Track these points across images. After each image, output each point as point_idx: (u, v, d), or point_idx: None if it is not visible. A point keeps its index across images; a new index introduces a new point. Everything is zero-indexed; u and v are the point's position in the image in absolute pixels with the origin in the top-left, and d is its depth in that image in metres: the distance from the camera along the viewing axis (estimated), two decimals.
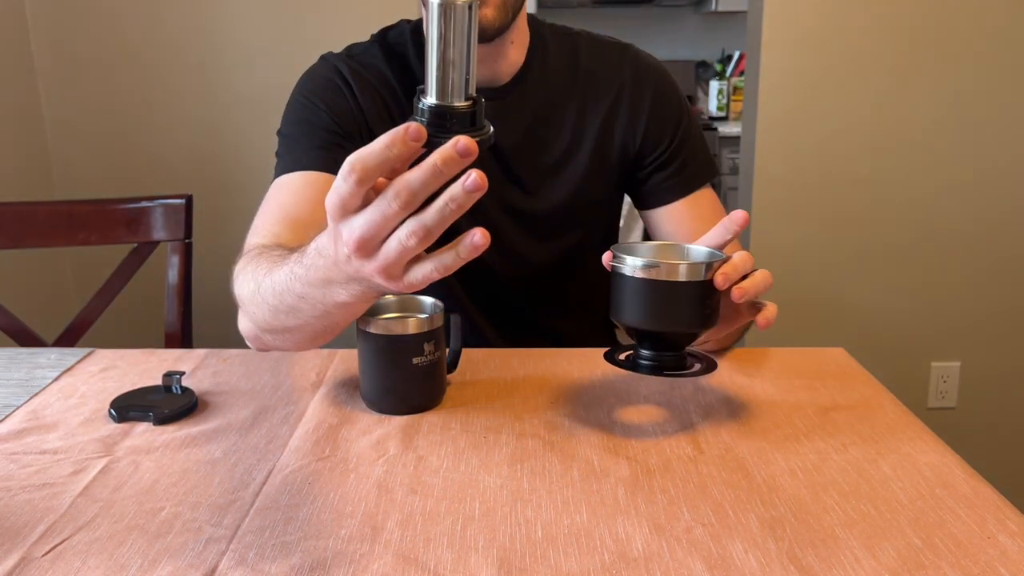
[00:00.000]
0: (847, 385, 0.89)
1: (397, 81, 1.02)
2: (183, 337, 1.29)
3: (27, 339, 1.28)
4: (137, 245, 1.31)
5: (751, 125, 2.06)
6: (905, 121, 2.00)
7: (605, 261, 0.75)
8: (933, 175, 2.03)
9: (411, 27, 1.05)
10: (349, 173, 0.54)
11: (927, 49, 1.96)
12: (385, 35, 1.06)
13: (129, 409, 0.83)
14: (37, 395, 0.89)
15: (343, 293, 0.63)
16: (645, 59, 1.08)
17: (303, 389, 0.89)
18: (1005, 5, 1.93)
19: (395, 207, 0.54)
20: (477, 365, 0.94)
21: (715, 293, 0.71)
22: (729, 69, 3.72)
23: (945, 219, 2.05)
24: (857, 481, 0.70)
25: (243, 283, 0.77)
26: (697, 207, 1.05)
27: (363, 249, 0.56)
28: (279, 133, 1.02)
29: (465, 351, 0.91)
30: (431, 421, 0.81)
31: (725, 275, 0.71)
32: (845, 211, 2.05)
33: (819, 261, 2.07)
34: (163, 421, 0.82)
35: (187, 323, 1.30)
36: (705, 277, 0.70)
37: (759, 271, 0.75)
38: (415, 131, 0.53)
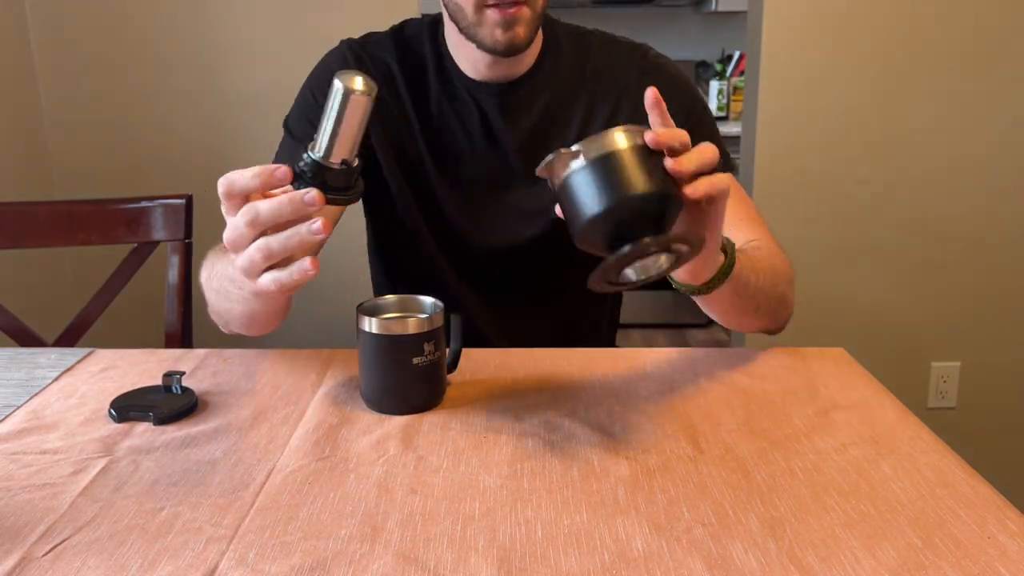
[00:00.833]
0: (847, 385, 0.89)
1: (400, 71, 1.05)
2: (183, 337, 1.29)
3: (27, 339, 1.28)
4: (137, 245, 1.30)
5: (751, 125, 2.06)
6: (905, 121, 2.00)
7: (539, 172, 0.69)
8: (933, 175, 2.03)
9: (429, 19, 1.08)
10: (219, 185, 0.67)
11: (927, 49, 1.96)
12: (403, 27, 1.08)
13: (129, 409, 0.83)
14: (37, 395, 0.89)
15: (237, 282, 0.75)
16: (655, 58, 1.07)
17: (303, 389, 0.89)
18: (1005, 5, 1.93)
19: (241, 221, 0.66)
20: (477, 365, 0.94)
21: (657, 154, 0.67)
22: (729, 69, 3.71)
23: (945, 219, 2.05)
24: (857, 481, 0.70)
25: (205, 268, 0.90)
26: None
27: (233, 250, 0.69)
28: (284, 124, 1.08)
29: (465, 351, 0.91)
30: (431, 421, 0.81)
31: (656, 134, 0.66)
32: (845, 211, 2.05)
33: (819, 261, 2.07)
34: (163, 421, 0.82)
35: (187, 323, 1.30)
36: (641, 142, 0.67)
37: (703, 143, 0.69)
38: (283, 173, 0.66)
